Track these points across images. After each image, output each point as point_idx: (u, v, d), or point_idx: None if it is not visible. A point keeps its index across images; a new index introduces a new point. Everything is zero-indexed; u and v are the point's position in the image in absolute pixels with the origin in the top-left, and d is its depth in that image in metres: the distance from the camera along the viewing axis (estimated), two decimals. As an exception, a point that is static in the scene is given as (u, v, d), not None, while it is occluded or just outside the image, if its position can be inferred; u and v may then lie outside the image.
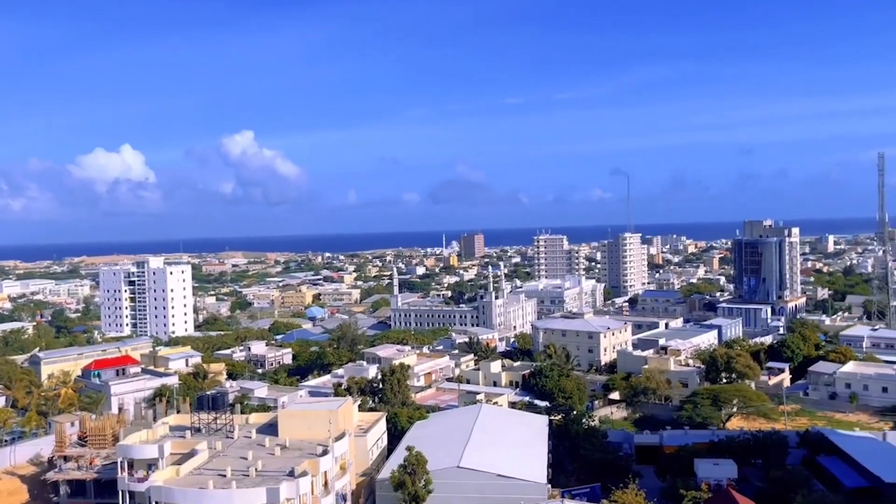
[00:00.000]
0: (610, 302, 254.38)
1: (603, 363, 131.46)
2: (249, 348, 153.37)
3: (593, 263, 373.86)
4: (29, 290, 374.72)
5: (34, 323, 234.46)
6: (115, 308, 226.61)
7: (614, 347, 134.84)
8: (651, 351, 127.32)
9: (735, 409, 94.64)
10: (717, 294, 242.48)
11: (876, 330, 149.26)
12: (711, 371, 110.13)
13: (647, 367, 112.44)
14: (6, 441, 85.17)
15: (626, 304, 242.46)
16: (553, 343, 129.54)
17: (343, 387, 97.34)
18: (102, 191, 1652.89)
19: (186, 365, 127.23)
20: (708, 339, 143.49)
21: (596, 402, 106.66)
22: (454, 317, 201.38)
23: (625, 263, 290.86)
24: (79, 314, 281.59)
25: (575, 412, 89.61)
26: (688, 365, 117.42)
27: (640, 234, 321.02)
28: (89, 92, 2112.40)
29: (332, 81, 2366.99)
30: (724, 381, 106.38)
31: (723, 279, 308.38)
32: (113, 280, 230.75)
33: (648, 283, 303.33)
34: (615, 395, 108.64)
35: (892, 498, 58.21)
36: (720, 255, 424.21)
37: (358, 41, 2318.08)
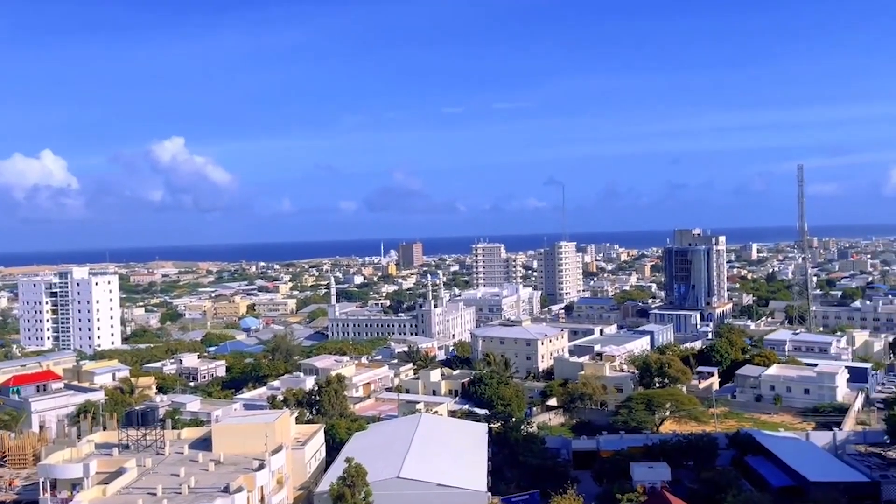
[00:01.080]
0: (546, 309, 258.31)
1: (541, 370, 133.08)
2: (181, 361, 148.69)
3: (530, 271, 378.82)
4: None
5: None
6: (36, 321, 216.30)
7: (551, 354, 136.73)
8: (587, 357, 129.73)
9: (668, 413, 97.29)
10: (650, 301, 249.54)
11: (797, 334, 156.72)
12: (645, 376, 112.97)
13: (583, 373, 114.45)
14: (-87, 464, 79.71)
15: (563, 311, 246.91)
16: (492, 351, 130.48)
17: (279, 399, 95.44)
18: (21, 197, 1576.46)
19: (113, 379, 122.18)
20: (641, 345, 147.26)
21: (534, 408, 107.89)
22: (393, 326, 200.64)
23: (560, 271, 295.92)
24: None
25: (514, 419, 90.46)
26: (622, 370, 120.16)
27: (575, 243, 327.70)
28: (6, 95, 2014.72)
29: (265, 88, 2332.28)
30: (658, 385, 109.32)
31: (654, 286, 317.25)
32: (33, 291, 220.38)
33: (583, 291, 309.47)
34: (553, 402, 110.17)
35: (816, 496, 60.87)
36: (651, 263, 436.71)
37: (291, 48, 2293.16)
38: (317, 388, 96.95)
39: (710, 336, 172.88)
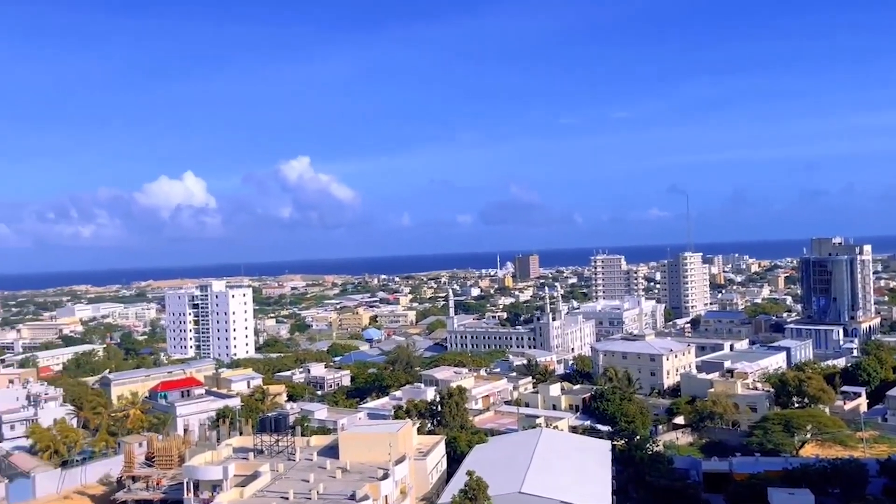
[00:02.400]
0: (671, 323, 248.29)
1: (666, 386, 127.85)
2: (309, 370, 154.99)
3: (652, 284, 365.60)
4: (99, 314, 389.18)
5: (104, 345, 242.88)
6: (180, 331, 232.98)
7: (677, 370, 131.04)
8: (716, 374, 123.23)
9: (809, 436, 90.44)
10: (785, 315, 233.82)
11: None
12: (781, 395, 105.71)
13: (712, 390, 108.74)
14: (77, 461, 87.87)
15: (688, 325, 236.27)
16: (613, 366, 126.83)
17: (402, 409, 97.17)
18: (166, 217, 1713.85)
19: (248, 387, 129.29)
20: (776, 362, 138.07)
21: (660, 426, 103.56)
22: (511, 339, 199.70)
23: (685, 283, 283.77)
24: (146, 337, 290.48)
25: (638, 437, 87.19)
26: (756, 388, 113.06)
27: (701, 254, 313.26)
28: (154, 122, 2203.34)
29: (383, 107, 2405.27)
30: (796, 405, 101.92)
31: (790, 299, 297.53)
32: (178, 303, 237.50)
33: (711, 304, 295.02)
34: (680, 420, 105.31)
35: None
36: (786, 275, 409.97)
37: (409, 67, 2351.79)
38: (438, 400, 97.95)
39: (855, 353, 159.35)
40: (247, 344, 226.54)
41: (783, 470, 72.55)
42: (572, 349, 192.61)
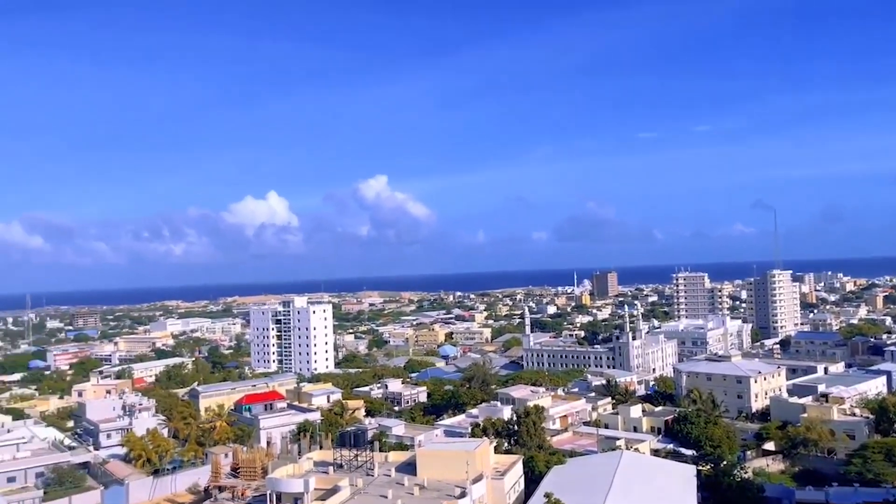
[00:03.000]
0: (758, 344, 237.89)
1: (754, 410, 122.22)
2: (386, 386, 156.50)
3: (738, 302, 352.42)
4: (189, 328, 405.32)
5: (193, 358, 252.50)
6: (264, 345, 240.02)
7: (766, 393, 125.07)
8: (809, 398, 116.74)
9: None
10: (884, 336, 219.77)
11: None
12: (882, 422, 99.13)
13: (805, 415, 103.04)
14: (168, 470, 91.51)
15: (777, 346, 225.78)
16: (697, 388, 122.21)
17: (479, 427, 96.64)
18: (251, 235, 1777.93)
19: (328, 401, 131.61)
20: (875, 387, 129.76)
21: (748, 452, 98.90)
22: (589, 358, 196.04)
23: (774, 302, 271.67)
24: (231, 351, 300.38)
25: (725, 462, 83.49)
26: (853, 415, 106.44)
27: (791, 271, 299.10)
28: (240, 145, 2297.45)
29: (458, 126, 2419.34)
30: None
31: (889, 320, 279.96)
32: (262, 319, 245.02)
33: (801, 324, 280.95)
34: (770, 446, 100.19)
35: None
36: (885, 294, 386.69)
37: (484, 85, 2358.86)
38: (514, 419, 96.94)
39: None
40: (326, 359, 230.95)
41: (884, 501, 67.92)
42: (653, 370, 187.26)
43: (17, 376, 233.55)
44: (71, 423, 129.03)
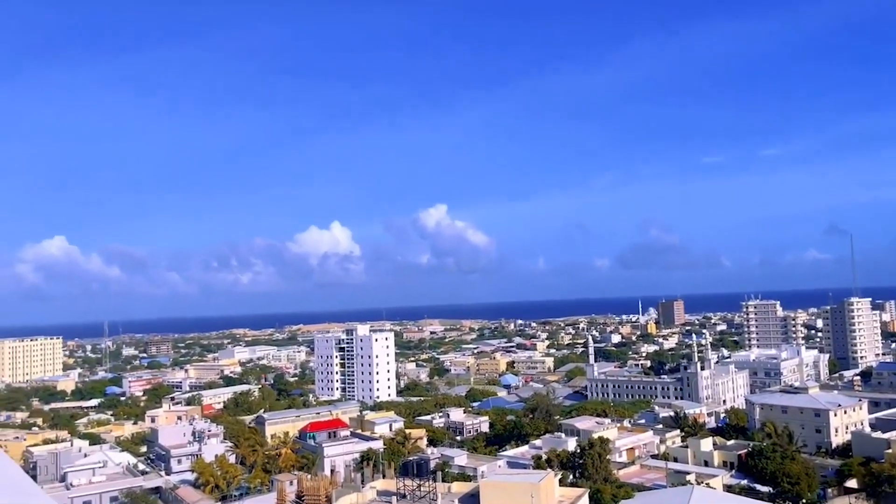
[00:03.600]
0: (837, 375, 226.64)
1: (833, 446, 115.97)
2: (448, 415, 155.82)
3: (813, 332, 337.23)
4: (255, 356, 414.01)
5: (259, 386, 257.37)
6: (328, 373, 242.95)
7: (847, 428, 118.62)
8: (894, 433, 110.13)
9: None
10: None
11: None
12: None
13: (890, 451, 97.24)
14: (235, 496, 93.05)
15: (858, 377, 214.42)
16: (772, 420, 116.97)
17: (543, 459, 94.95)
18: (315, 264, 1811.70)
19: (390, 430, 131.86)
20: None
21: (829, 490, 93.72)
22: (655, 388, 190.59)
23: (853, 331, 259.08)
24: (296, 378, 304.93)
25: (804, 501, 79.34)
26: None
27: (870, 299, 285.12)
28: (304, 177, 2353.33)
29: (517, 154, 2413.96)
30: None
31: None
32: (325, 346, 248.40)
33: (883, 355, 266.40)
34: (852, 484, 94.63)
35: None
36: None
37: (542, 113, 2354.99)
38: (579, 450, 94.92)
39: None
40: (389, 387, 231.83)
41: None
42: (724, 401, 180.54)
43: (94, 402, 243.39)
44: (144, 449, 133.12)
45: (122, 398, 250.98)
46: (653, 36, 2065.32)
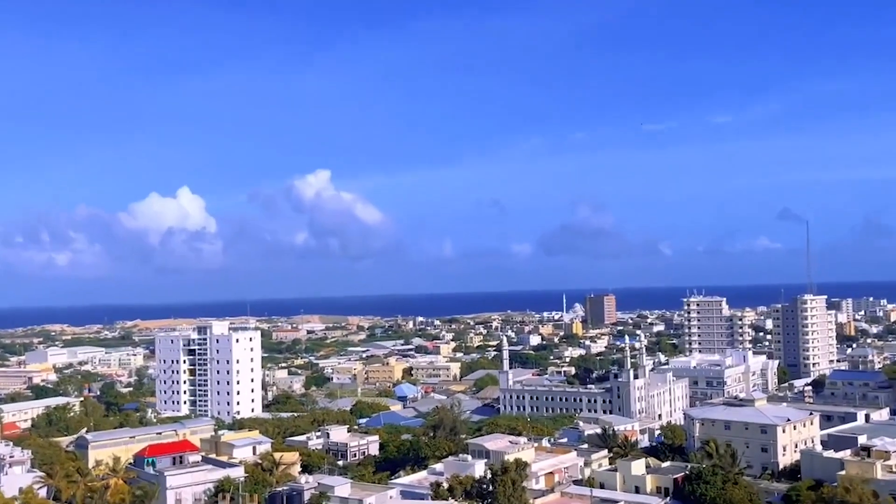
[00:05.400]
0: (787, 385, 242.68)
1: (781, 466, 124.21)
2: (328, 434, 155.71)
3: (762, 334, 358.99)
4: (76, 360, 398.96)
5: (81, 398, 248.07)
6: (173, 382, 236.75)
7: (797, 445, 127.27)
8: (848, 452, 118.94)
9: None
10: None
11: None
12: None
13: (843, 473, 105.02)
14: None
15: (809, 388, 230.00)
16: (713, 438, 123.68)
17: (444, 487, 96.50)
18: (156, 243, 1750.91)
19: (254, 453, 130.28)
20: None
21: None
22: (581, 401, 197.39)
23: (805, 335, 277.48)
24: (131, 388, 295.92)
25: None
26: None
27: (826, 297, 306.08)
28: (144, 130, 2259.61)
29: (419, 113, 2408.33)
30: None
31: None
32: (170, 348, 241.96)
33: (838, 361, 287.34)
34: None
35: None
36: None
37: (451, 62, 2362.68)
38: (489, 476, 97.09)
39: None
40: (253, 400, 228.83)
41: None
42: (659, 416, 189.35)
43: None
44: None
45: None
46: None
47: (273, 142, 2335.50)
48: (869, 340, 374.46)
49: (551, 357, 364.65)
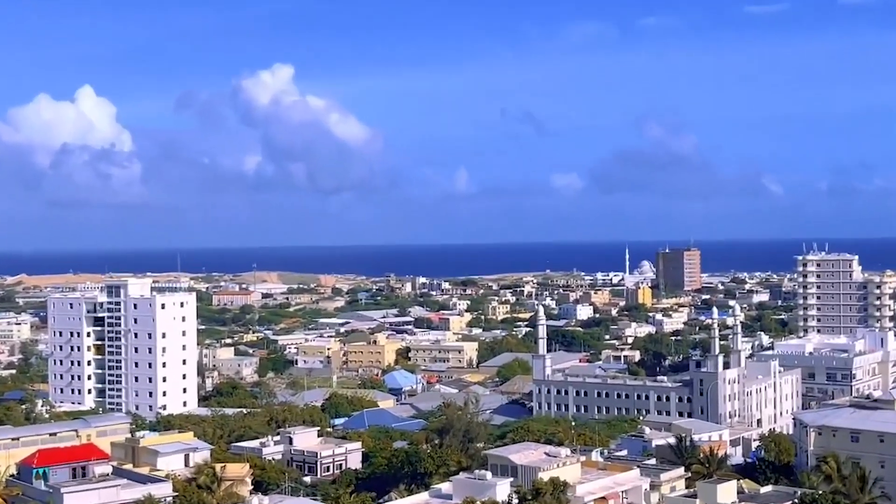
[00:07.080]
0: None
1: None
2: (291, 440, 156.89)
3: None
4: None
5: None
6: (72, 363, 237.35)
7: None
8: None
9: None
10: None
11: None
12: None
13: None
14: None
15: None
16: (835, 453, 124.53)
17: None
18: (46, 165, 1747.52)
19: (186, 464, 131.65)
20: None
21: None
22: (648, 398, 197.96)
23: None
24: (13, 371, 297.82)
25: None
26: None
27: None
28: (31, 7, 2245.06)
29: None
30: None
31: None
32: (68, 315, 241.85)
33: None
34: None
35: None
36: None
37: None
38: (516, 501, 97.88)
39: None
40: (185, 390, 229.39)
41: None
42: (758, 421, 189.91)
43: None
44: None
45: None
46: None
47: (211, 20, 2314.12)
48: None
49: (607, 336, 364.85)
